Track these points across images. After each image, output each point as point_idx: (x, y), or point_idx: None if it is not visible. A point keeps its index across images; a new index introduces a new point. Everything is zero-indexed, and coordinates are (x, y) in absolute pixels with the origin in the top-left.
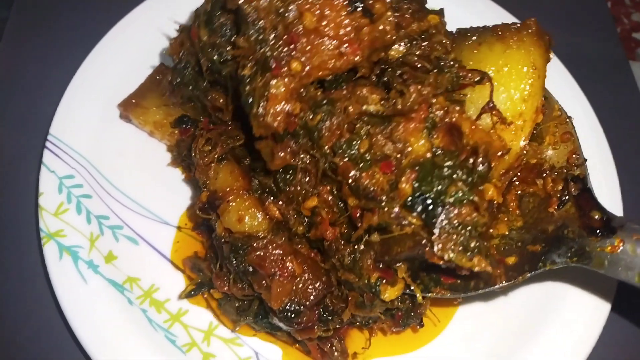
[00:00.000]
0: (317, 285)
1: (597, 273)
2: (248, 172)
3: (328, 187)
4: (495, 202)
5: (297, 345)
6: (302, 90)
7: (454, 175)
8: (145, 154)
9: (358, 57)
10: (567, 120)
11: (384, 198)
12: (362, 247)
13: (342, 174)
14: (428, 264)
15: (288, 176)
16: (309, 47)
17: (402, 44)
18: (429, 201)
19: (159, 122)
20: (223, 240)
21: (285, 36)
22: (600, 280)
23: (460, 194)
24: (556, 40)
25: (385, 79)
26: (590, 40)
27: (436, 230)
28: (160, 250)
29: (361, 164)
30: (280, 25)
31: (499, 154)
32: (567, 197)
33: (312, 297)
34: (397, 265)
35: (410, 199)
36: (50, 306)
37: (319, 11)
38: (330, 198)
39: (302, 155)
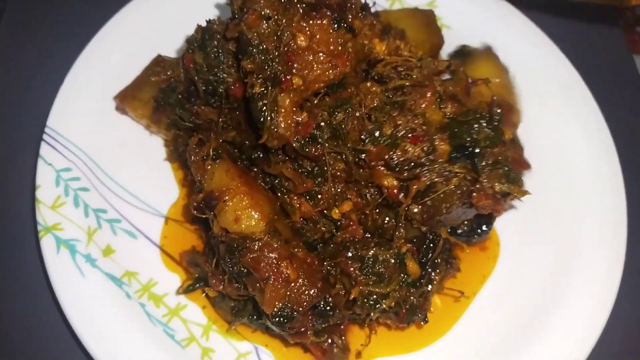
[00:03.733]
0: (311, 292)
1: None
2: (245, 172)
3: (355, 189)
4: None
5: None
6: (305, 100)
7: (479, 125)
8: (143, 147)
9: (348, 68)
10: None
11: (425, 161)
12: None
13: (377, 158)
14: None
15: (313, 192)
16: (305, 63)
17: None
18: (468, 149)
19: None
20: (220, 239)
21: (285, 56)
22: (603, 275)
23: (491, 137)
24: (559, 34)
25: (373, 74)
26: (594, 34)
27: (481, 171)
28: (159, 244)
29: (392, 144)
30: (280, 46)
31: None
32: None
33: (305, 304)
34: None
35: (451, 153)
36: (47, 300)
37: (309, 32)
38: (358, 200)
39: (327, 160)
